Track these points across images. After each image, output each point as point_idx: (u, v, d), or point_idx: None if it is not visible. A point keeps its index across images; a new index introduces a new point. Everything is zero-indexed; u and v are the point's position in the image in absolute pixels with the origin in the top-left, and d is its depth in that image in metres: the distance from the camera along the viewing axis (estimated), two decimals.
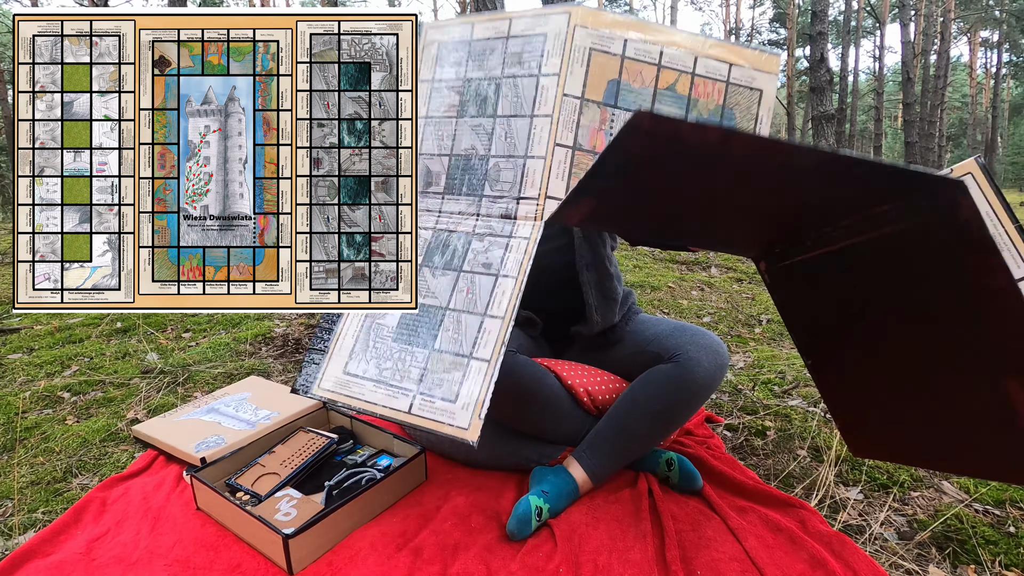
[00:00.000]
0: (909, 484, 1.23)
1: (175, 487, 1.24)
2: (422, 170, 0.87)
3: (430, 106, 0.94)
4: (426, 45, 0.96)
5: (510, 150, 0.86)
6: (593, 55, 0.84)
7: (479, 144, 0.89)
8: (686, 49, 0.85)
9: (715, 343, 1.26)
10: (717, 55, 0.85)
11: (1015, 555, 1.02)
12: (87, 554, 1.03)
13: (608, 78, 0.84)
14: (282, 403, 1.53)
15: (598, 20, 0.85)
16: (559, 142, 0.84)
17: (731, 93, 0.85)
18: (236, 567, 1.00)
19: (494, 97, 0.89)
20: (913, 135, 13.24)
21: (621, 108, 0.83)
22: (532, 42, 0.88)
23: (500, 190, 0.85)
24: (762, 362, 1.96)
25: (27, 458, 1.38)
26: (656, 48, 0.85)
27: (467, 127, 0.90)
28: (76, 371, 1.92)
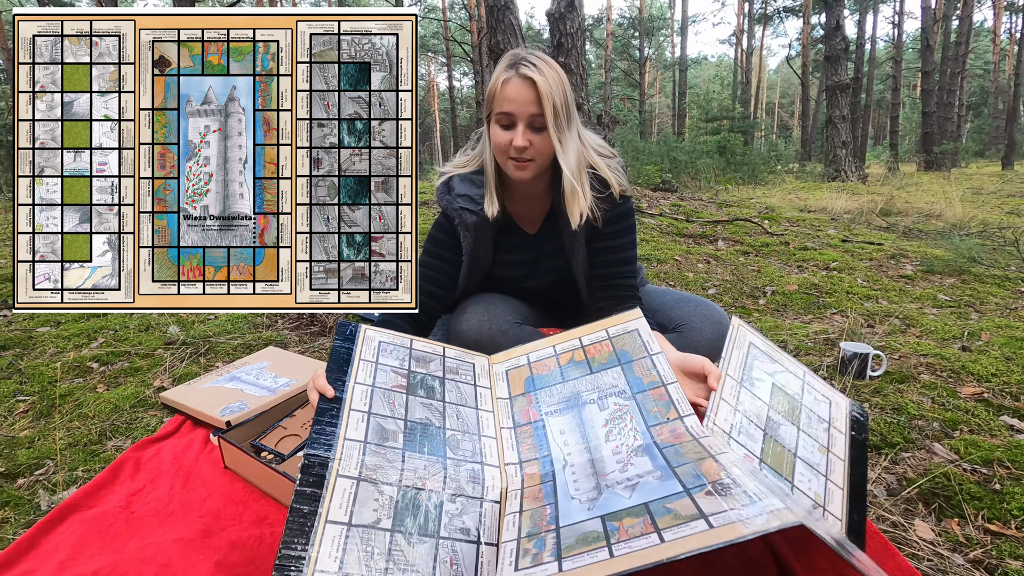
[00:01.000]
0: (901, 445, 1.28)
1: (203, 448, 1.32)
2: (375, 428, 0.83)
3: (376, 380, 0.92)
4: (367, 337, 1.00)
5: (464, 428, 0.92)
6: (509, 373, 1.05)
7: (433, 418, 0.90)
8: (569, 339, 1.06)
9: (718, 314, 1.30)
10: (593, 331, 1.06)
11: (998, 510, 1.07)
12: (126, 507, 1.11)
13: (524, 377, 1.03)
14: (299, 371, 1.60)
15: (506, 356, 1.07)
16: (503, 426, 0.95)
17: (616, 343, 1.02)
18: (263, 519, 1.08)
19: (440, 388, 0.98)
20: (931, 105, 12.93)
21: (540, 388, 1.00)
22: (464, 365, 1.05)
23: (463, 456, 0.86)
24: (765, 332, 2.00)
25: (63, 423, 1.47)
26: (550, 347, 1.06)
27: (418, 403, 0.92)
28: (103, 343, 2.00)
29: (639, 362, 0.98)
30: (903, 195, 5.95)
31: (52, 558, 0.98)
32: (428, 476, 0.79)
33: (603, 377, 0.98)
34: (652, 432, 0.84)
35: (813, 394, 1.03)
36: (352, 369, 0.90)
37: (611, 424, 0.88)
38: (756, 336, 1.07)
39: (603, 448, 0.84)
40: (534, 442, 0.89)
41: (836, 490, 0.89)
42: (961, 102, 15.53)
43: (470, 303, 1.29)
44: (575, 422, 0.91)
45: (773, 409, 0.96)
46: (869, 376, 1.60)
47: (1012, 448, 1.24)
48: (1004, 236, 3.46)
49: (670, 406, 0.88)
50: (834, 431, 1.00)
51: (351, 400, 0.85)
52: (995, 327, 1.98)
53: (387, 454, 0.80)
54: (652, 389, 0.92)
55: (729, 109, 15.11)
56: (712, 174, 8.06)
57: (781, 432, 0.93)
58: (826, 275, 2.75)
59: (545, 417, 0.93)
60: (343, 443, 0.79)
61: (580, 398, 0.95)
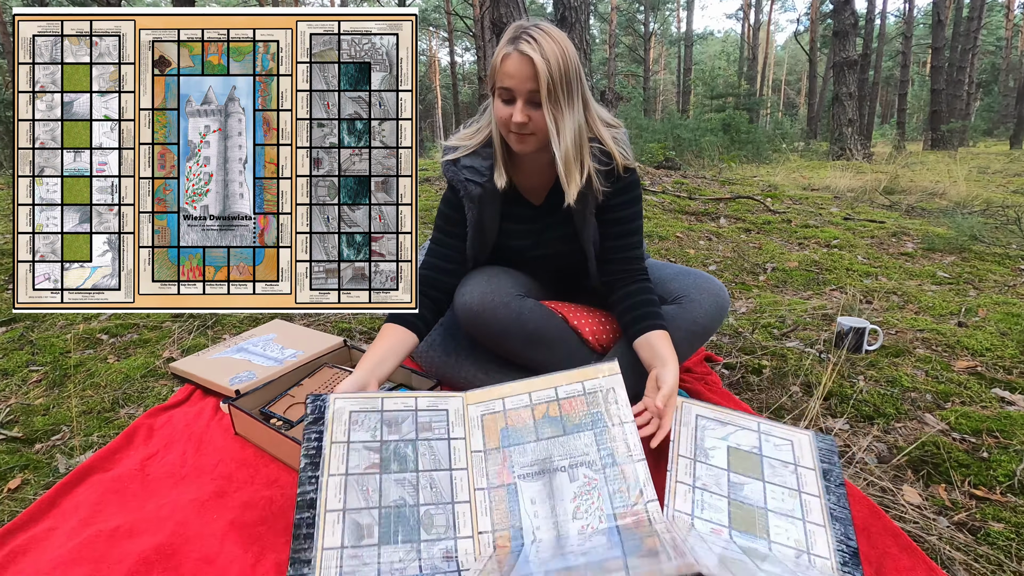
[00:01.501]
0: (894, 416, 1.32)
1: (213, 416, 1.35)
2: (351, 527, 0.88)
3: (349, 464, 0.97)
4: (337, 412, 1.02)
5: (437, 499, 0.95)
6: (484, 418, 1.06)
7: (407, 495, 0.95)
8: (545, 387, 1.09)
9: (717, 287, 1.32)
10: (568, 380, 1.09)
11: (984, 476, 1.10)
12: (142, 470, 1.16)
13: (499, 427, 1.05)
14: (305, 343, 1.63)
15: (481, 397, 1.09)
16: (477, 487, 0.98)
17: (591, 401, 1.05)
18: (274, 481, 1.12)
19: (413, 455, 1.00)
20: (940, 82, 12.72)
21: (514, 445, 1.03)
22: (437, 416, 1.06)
23: (436, 534, 0.90)
24: (764, 307, 2.03)
25: (77, 391, 1.51)
26: (525, 395, 1.08)
27: (392, 481, 0.96)
28: (111, 316, 2.03)
29: (612, 429, 1.02)
30: (908, 174, 5.91)
31: (73, 516, 1.02)
32: (404, 567, 0.84)
33: (575, 441, 1.01)
34: (616, 516, 0.90)
35: (772, 441, 1.07)
36: (324, 460, 0.94)
37: (579, 499, 0.93)
38: (700, 407, 1.11)
39: (570, 526, 0.90)
40: (507, 508, 0.93)
41: (817, 529, 0.91)
42: (971, 79, 15.28)
43: (473, 275, 1.31)
44: (546, 492, 0.95)
45: (733, 472, 1.00)
46: (865, 350, 1.63)
47: (1002, 419, 1.27)
48: (1007, 215, 3.46)
49: (637, 487, 0.93)
50: (802, 470, 1.02)
51: (326, 499, 0.90)
52: (992, 303, 2.00)
53: (363, 555, 0.85)
54: (623, 464, 0.96)
55: (735, 86, 14.89)
56: (716, 152, 7.99)
57: (746, 491, 0.96)
58: (827, 252, 2.76)
59: (518, 481, 0.97)
60: (321, 553, 0.84)
61: (552, 463, 0.99)
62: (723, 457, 1.02)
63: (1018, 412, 1.31)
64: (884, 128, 23.67)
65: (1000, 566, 0.90)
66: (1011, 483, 1.08)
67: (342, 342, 1.60)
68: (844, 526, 0.91)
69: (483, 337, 1.30)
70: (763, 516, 0.92)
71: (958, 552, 0.92)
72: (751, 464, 1.02)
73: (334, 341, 1.62)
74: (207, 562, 0.90)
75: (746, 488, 0.96)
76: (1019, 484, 1.07)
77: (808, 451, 1.08)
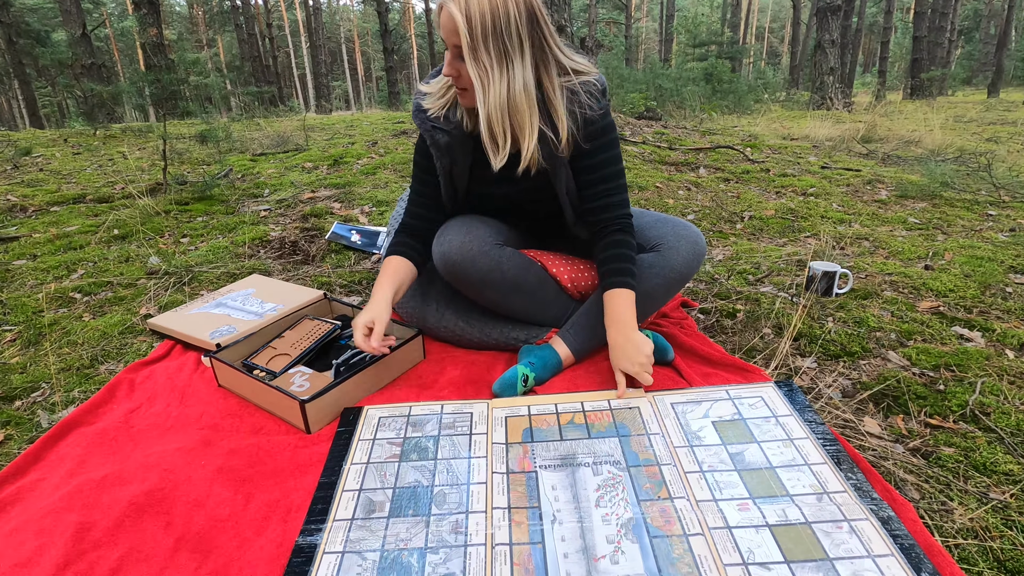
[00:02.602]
0: (859, 354, 1.37)
1: (195, 369, 1.36)
2: (364, 503, 0.92)
3: (372, 455, 1.01)
4: (368, 417, 1.13)
5: (453, 480, 0.96)
6: (509, 419, 1.10)
7: (423, 478, 0.96)
8: (574, 401, 1.14)
9: (694, 234, 1.34)
10: (595, 398, 1.15)
11: (939, 407, 1.17)
12: (126, 422, 1.17)
13: (522, 428, 1.08)
14: (285, 296, 1.62)
15: (507, 403, 1.14)
16: (496, 471, 0.97)
17: (616, 415, 1.10)
18: (259, 429, 1.14)
19: (433, 447, 1.04)
20: (922, 29, 12.59)
21: (538, 441, 1.04)
22: (461, 417, 1.12)
23: (448, 508, 0.90)
24: (740, 255, 2.06)
25: (53, 349, 1.49)
26: (551, 404, 1.14)
27: (409, 467, 0.99)
28: (83, 274, 1.99)
29: (637, 438, 1.04)
30: (886, 122, 5.92)
31: (59, 468, 1.03)
32: (411, 536, 0.85)
33: (600, 444, 1.03)
34: (642, 507, 0.89)
35: (745, 402, 1.12)
36: (349, 453, 1.03)
37: (603, 490, 0.93)
38: (670, 395, 1.15)
39: (593, 513, 0.88)
40: (525, 491, 0.93)
41: (822, 468, 0.95)
42: (954, 26, 15.13)
43: (451, 225, 1.30)
44: (568, 481, 0.95)
45: (728, 444, 1.02)
46: (836, 293, 1.68)
47: (959, 354, 1.33)
48: (978, 161, 3.51)
49: (662, 485, 0.93)
50: (782, 419, 1.07)
51: (344, 482, 0.96)
52: (959, 247, 2.07)
53: (371, 525, 0.88)
54: (647, 466, 0.97)
55: (718, 34, 14.56)
56: (698, 102, 7.89)
57: (747, 458, 0.99)
58: (803, 200, 2.79)
59: (539, 470, 0.97)
60: (331, 524, 0.88)
61: (576, 459, 0.99)
62: (713, 434, 1.05)
63: (974, 348, 1.37)
64: (866, 76, 23.51)
65: (948, 485, 0.96)
66: (963, 412, 1.14)
67: (322, 295, 1.60)
68: (839, 454, 0.97)
69: (463, 286, 1.31)
70: (772, 475, 0.95)
71: (910, 475, 0.99)
72: (739, 431, 1.06)
73: (314, 294, 1.61)
74: (197, 505, 0.92)
75: (746, 454, 1.00)
76: (971, 413, 1.14)
77: (778, 400, 1.13)
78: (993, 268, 1.84)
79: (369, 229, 2.23)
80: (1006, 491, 0.94)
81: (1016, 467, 0.99)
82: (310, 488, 0.97)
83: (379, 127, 5.43)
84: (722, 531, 0.85)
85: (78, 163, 4.01)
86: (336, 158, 3.74)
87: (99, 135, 5.31)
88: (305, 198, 2.83)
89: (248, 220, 2.53)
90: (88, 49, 8.14)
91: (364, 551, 0.83)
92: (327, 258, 2.11)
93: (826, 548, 0.81)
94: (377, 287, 1.23)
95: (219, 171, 3.32)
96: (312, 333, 1.37)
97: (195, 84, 3.42)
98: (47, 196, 3.01)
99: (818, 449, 1.00)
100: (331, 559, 0.82)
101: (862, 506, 0.87)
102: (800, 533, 0.84)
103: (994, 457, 1.01)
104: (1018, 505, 0.91)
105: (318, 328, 1.39)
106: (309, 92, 26.48)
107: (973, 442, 1.06)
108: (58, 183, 3.37)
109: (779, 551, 0.81)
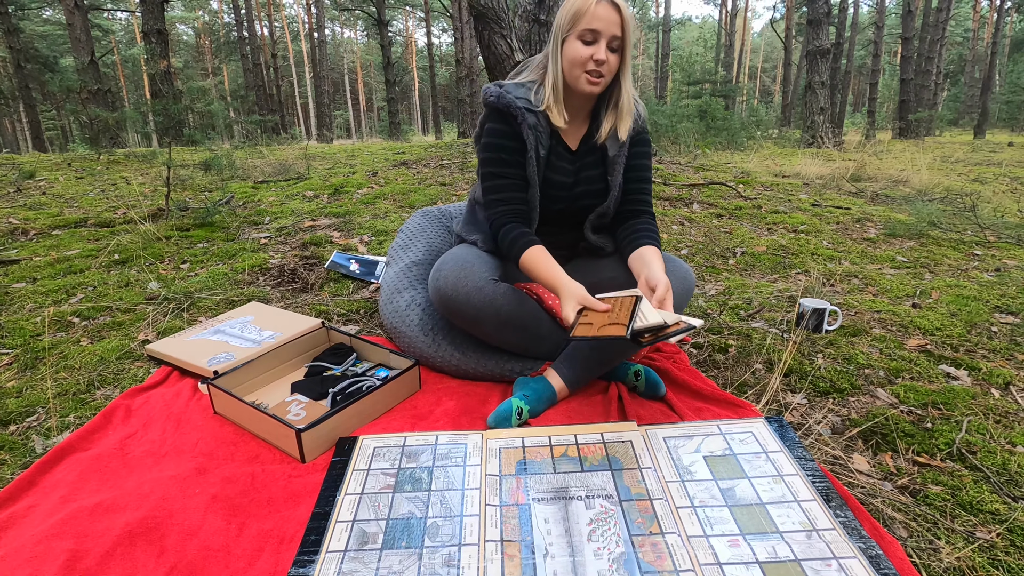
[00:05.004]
0: (848, 391, 1.39)
1: (192, 396, 1.36)
2: (357, 534, 0.93)
3: (366, 486, 1.04)
4: (363, 447, 1.14)
5: (447, 512, 0.98)
6: (503, 451, 1.12)
7: (416, 509, 0.98)
8: (565, 433, 1.17)
9: (684, 270, 1.38)
10: (589, 432, 1.17)
11: (927, 445, 1.19)
12: (121, 449, 1.17)
13: (516, 460, 1.10)
14: (283, 324, 1.64)
15: (501, 434, 1.17)
16: (489, 503, 1.00)
17: (609, 448, 1.13)
18: (255, 457, 1.14)
19: (428, 478, 1.06)
20: (909, 72, 13.01)
21: (531, 473, 1.06)
22: (456, 448, 1.14)
23: (441, 541, 0.92)
24: (732, 290, 2.10)
25: (50, 373, 1.50)
26: (545, 437, 1.16)
27: (403, 498, 1.01)
28: (82, 298, 2.01)
29: (629, 472, 1.06)
30: (875, 162, 6.07)
31: (53, 494, 1.03)
32: (403, 569, 0.86)
33: (593, 477, 1.05)
34: (634, 542, 0.90)
35: (736, 437, 1.14)
36: (343, 483, 1.04)
37: (595, 524, 0.94)
38: (663, 428, 1.18)
39: (585, 548, 0.89)
40: (518, 523, 0.94)
41: (812, 505, 0.97)
42: (939, 70, 15.64)
43: (446, 261, 1.33)
44: (560, 515, 0.96)
45: (719, 479, 1.04)
46: (825, 330, 1.71)
47: (946, 392, 1.36)
48: (964, 202, 3.60)
49: (654, 520, 0.95)
50: (772, 455, 1.09)
51: (338, 512, 0.97)
52: (945, 286, 2.11)
53: (364, 557, 0.89)
54: (639, 500, 0.99)
55: (711, 72, 14.99)
56: (692, 138, 8.07)
57: (738, 493, 1.01)
58: (794, 237, 2.85)
59: (532, 503, 0.98)
60: (324, 556, 0.89)
61: (568, 492, 1.01)
62: (704, 469, 1.07)
63: (960, 386, 1.40)
64: (856, 116, 24.13)
65: (935, 524, 0.97)
66: (950, 450, 1.16)
67: (320, 323, 1.61)
68: (829, 491, 0.99)
69: (457, 321, 1.33)
70: (763, 511, 0.96)
71: (898, 512, 1.00)
72: (730, 466, 1.07)
73: (312, 322, 1.63)
74: (190, 534, 0.92)
75: (736, 490, 1.01)
76: (957, 451, 1.16)
77: (768, 436, 1.15)
78: (979, 307, 1.88)
79: (367, 259, 2.26)
80: (992, 530, 0.95)
81: (1002, 506, 1.00)
82: (303, 518, 0.97)
83: (380, 157, 5.53)
84: (712, 567, 0.85)
85: (81, 187, 4.06)
86: (337, 187, 3.80)
87: (103, 160, 5.38)
88: (305, 226, 2.87)
89: (248, 247, 2.56)
90: (95, 75, 8.31)
91: None
92: (326, 286, 2.14)
93: None
94: (550, 272, 1.21)
95: (221, 198, 3.36)
96: None
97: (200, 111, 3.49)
98: (49, 220, 3.04)
99: (808, 486, 1.01)
100: None
101: (851, 544, 0.88)
102: (790, 571, 0.85)
103: (980, 496, 1.03)
104: (1004, 545, 0.93)
105: None
106: (311, 121, 26.91)
107: (960, 480, 1.07)
108: (60, 207, 3.40)
109: None
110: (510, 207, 1.32)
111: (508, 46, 4.70)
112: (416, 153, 5.66)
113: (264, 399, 1.33)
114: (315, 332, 1.56)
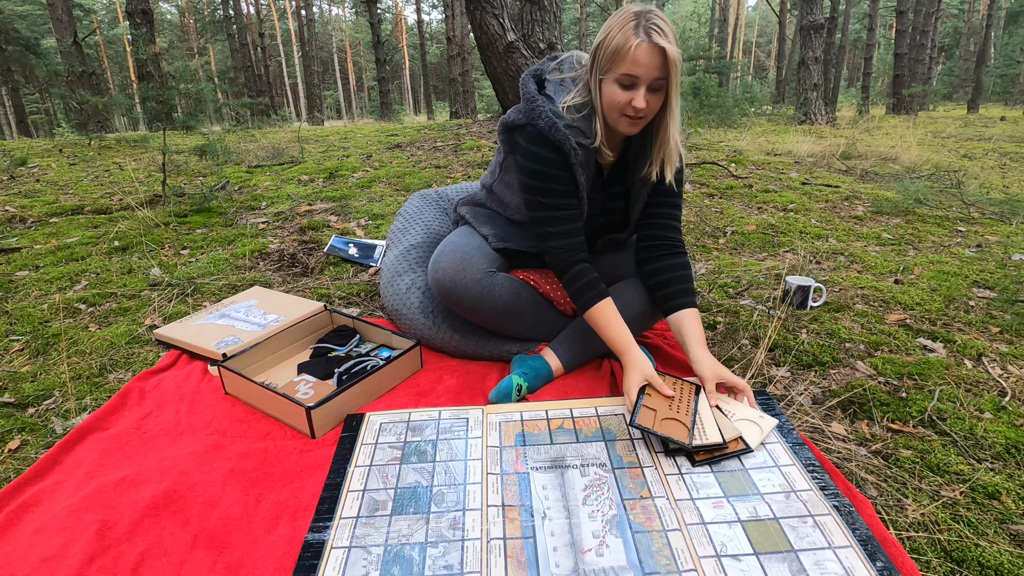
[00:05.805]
0: (830, 364, 1.47)
1: (202, 378, 1.42)
2: (368, 502, 1.00)
3: (375, 459, 1.10)
4: (370, 423, 1.20)
5: (451, 481, 1.05)
6: (503, 424, 1.19)
7: (422, 479, 1.05)
8: (563, 408, 1.23)
9: (634, 299, 1.41)
10: (584, 406, 1.24)
11: (901, 413, 1.26)
12: (138, 428, 1.23)
13: (515, 432, 1.17)
14: (287, 308, 1.69)
15: (500, 409, 1.23)
16: (490, 472, 1.06)
17: (603, 421, 1.20)
18: (267, 435, 1.20)
19: (432, 451, 1.12)
20: (904, 46, 12.94)
21: (530, 445, 1.13)
22: (458, 422, 1.20)
23: (446, 506, 0.99)
24: (722, 269, 2.16)
25: (62, 359, 1.55)
26: (542, 411, 1.23)
27: (410, 469, 1.08)
28: (87, 285, 2.05)
29: (622, 442, 1.13)
30: (866, 139, 6.11)
31: (77, 471, 1.09)
32: (412, 532, 0.93)
33: (587, 448, 1.12)
34: (626, 505, 0.97)
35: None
36: (353, 456, 1.11)
37: (590, 489, 1.01)
38: None
39: (580, 511, 0.96)
40: (518, 490, 1.02)
41: (790, 467, 1.04)
42: (934, 43, 15.55)
43: (444, 251, 1.37)
44: (557, 482, 1.03)
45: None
46: (811, 306, 1.77)
47: (921, 364, 1.43)
48: (951, 179, 3.66)
49: (644, 485, 1.02)
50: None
51: (349, 483, 1.04)
52: (928, 262, 2.18)
53: (375, 522, 0.96)
54: (631, 468, 1.06)
55: (705, 48, 14.86)
56: (685, 116, 8.06)
57: (723, 461, 1.06)
58: (783, 216, 2.90)
59: (531, 471, 1.06)
60: (338, 521, 0.96)
61: (564, 461, 1.09)
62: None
63: (936, 358, 1.47)
64: (851, 92, 24.02)
65: (904, 484, 1.05)
66: (922, 418, 1.24)
67: (322, 307, 1.66)
68: (808, 457, 1.06)
69: (456, 309, 1.39)
70: (745, 476, 1.04)
71: (871, 474, 1.08)
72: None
73: (315, 306, 1.68)
74: (211, 505, 0.99)
75: (722, 458, 1.08)
76: (928, 418, 1.23)
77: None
78: (958, 282, 1.96)
79: (366, 242, 2.30)
80: (956, 489, 1.03)
81: (966, 467, 1.08)
82: (316, 489, 1.04)
83: (373, 139, 5.52)
84: (698, 527, 0.93)
85: (74, 174, 4.05)
86: (331, 171, 3.81)
87: (94, 145, 5.35)
88: (302, 211, 2.90)
89: (247, 232, 2.59)
90: (80, 57, 8.17)
91: (369, 546, 0.90)
92: (325, 270, 2.18)
93: (791, 541, 0.89)
94: (620, 336, 1.22)
95: (217, 183, 3.38)
96: None
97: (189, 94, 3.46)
98: (45, 207, 3.05)
99: (788, 452, 1.09)
100: (339, 554, 0.89)
101: (826, 503, 0.96)
102: (769, 528, 0.92)
103: (947, 458, 1.10)
104: (966, 502, 1.00)
105: None
106: (301, 102, 26.54)
107: (929, 445, 1.15)
108: (55, 194, 3.41)
109: (749, 544, 0.89)
110: (571, 240, 1.28)
111: (500, 26, 4.67)
112: (409, 135, 5.65)
113: (272, 379, 1.39)
114: (318, 315, 1.61)
